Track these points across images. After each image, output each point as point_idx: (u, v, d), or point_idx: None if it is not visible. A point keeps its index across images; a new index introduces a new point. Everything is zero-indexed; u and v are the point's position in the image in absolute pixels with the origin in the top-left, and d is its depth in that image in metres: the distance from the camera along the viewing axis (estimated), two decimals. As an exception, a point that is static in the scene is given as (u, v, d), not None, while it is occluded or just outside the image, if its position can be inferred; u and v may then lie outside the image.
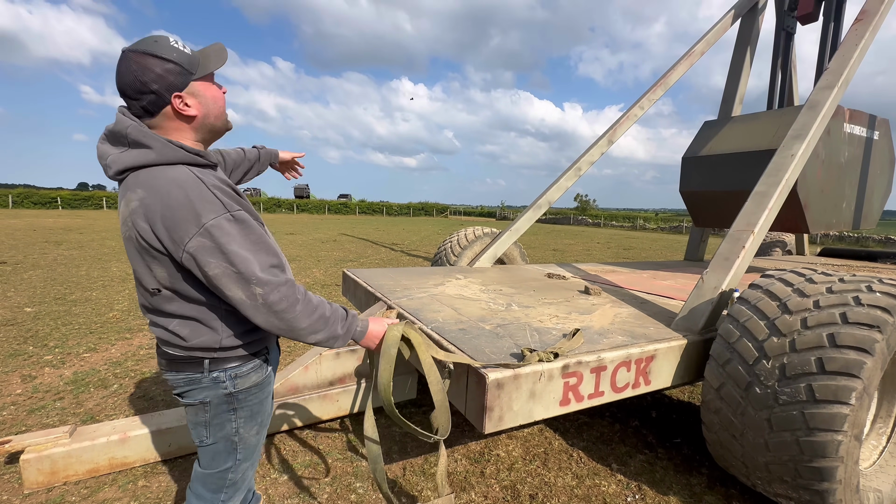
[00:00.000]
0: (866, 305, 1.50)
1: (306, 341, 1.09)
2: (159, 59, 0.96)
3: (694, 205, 4.38)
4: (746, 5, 4.68)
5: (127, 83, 0.96)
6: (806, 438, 1.45)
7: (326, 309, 1.10)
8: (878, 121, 3.97)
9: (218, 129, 1.11)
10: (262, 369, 1.19)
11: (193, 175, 0.98)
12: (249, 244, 0.99)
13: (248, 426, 1.19)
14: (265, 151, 1.67)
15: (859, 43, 2.89)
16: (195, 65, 1.01)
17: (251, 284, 0.97)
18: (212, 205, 0.95)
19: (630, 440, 2.36)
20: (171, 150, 0.98)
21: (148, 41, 0.97)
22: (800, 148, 2.44)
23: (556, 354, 1.48)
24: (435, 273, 3.28)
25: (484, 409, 1.36)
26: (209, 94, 1.05)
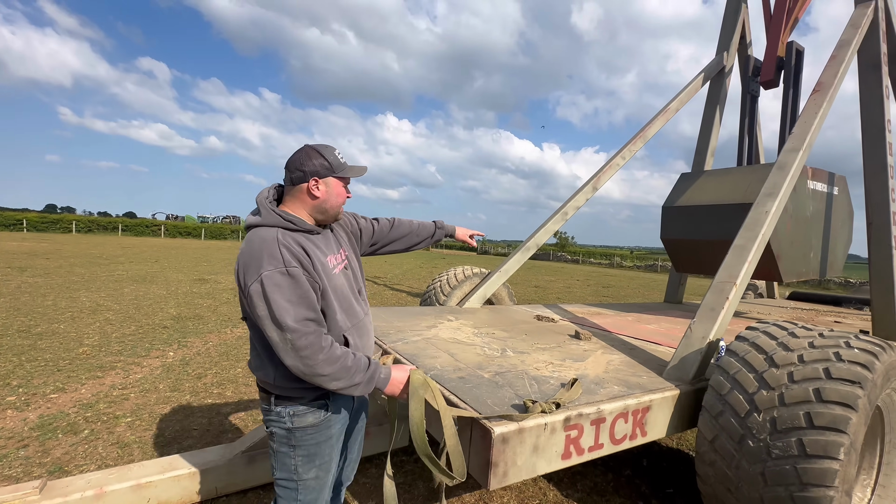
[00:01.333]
0: (847, 361, 1.59)
1: (329, 388, 1.23)
2: (320, 156, 1.32)
3: (674, 251, 4.57)
4: (715, 69, 5.11)
5: (292, 160, 1.32)
6: (800, 494, 1.48)
7: (349, 360, 1.24)
8: (837, 178, 4.30)
9: (329, 215, 1.40)
10: (318, 412, 1.33)
11: (275, 235, 1.23)
12: (294, 297, 1.18)
13: (307, 467, 1.33)
14: (441, 230, 1.99)
15: (818, 112, 3.19)
16: (340, 168, 1.35)
17: (283, 330, 1.15)
18: (273, 259, 1.19)
19: (623, 490, 2.35)
20: (272, 216, 1.28)
21: (322, 145, 1.36)
22: (773, 205, 2.63)
23: (559, 405, 1.50)
24: (426, 314, 3.28)
25: (489, 464, 1.35)
26: (336, 191, 1.37)
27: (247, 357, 4.47)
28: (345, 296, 1.38)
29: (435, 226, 1.95)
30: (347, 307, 1.38)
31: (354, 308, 1.42)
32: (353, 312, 1.41)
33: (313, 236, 1.34)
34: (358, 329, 1.42)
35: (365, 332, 1.46)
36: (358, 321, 1.42)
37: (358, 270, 1.54)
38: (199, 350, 4.63)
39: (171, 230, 39.60)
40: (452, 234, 2.06)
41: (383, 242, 1.78)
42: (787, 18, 4.47)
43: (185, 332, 5.36)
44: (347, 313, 1.38)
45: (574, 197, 4.34)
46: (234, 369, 4.09)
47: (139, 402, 3.19)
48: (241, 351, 4.69)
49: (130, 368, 3.89)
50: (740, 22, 5.18)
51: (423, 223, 1.92)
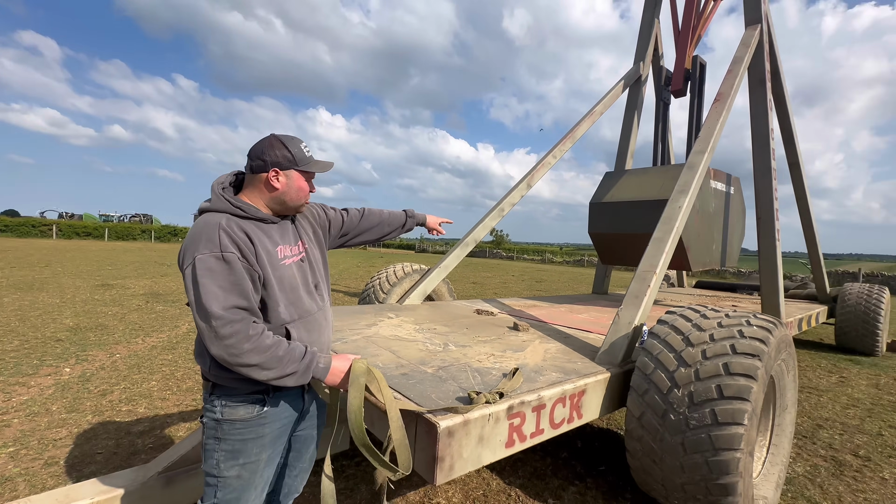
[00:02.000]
0: (748, 337, 1.79)
1: (259, 378, 1.17)
2: (283, 147, 1.30)
3: (600, 245, 4.90)
4: (633, 77, 5.55)
5: (254, 149, 1.30)
6: (713, 458, 1.65)
7: (282, 349, 1.19)
8: (733, 178, 4.88)
9: (289, 207, 1.36)
10: (251, 407, 1.26)
11: (220, 220, 1.20)
12: (227, 283, 1.14)
13: (228, 463, 1.25)
14: (412, 219, 1.97)
15: (718, 118, 3.58)
16: (303, 161, 1.33)
17: (209, 317, 1.11)
18: (210, 243, 1.15)
19: (561, 472, 2.46)
20: (220, 201, 1.26)
21: (289, 136, 1.34)
22: (685, 201, 2.90)
23: (502, 394, 1.52)
24: (365, 312, 3.18)
25: (435, 459, 1.33)
26: (297, 184, 1.34)
27: (163, 368, 4.04)
28: (292, 287, 1.33)
29: (406, 215, 1.95)
30: (294, 300, 1.33)
31: (303, 301, 1.36)
32: (301, 305, 1.35)
33: (266, 225, 1.31)
34: (306, 323, 1.36)
35: (315, 328, 1.39)
36: (308, 315, 1.36)
37: (319, 264, 1.49)
38: (104, 364, 4.09)
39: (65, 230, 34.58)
40: (424, 223, 2.04)
41: (354, 233, 1.75)
42: (692, 35, 4.98)
43: (84, 344, 4.71)
44: (294, 306, 1.32)
45: (510, 194, 4.47)
46: (148, 382, 3.67)
47: (25, 428, 2.73)
48: (155, 362, 4.22)
49: (12, 390, 3.32)
50: (654, 36, 5.68)
51: (393, 212, 1.91)
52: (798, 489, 2.41)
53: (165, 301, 7.65)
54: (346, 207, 1.80)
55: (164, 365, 4.15)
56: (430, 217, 2.06)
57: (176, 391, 3.50)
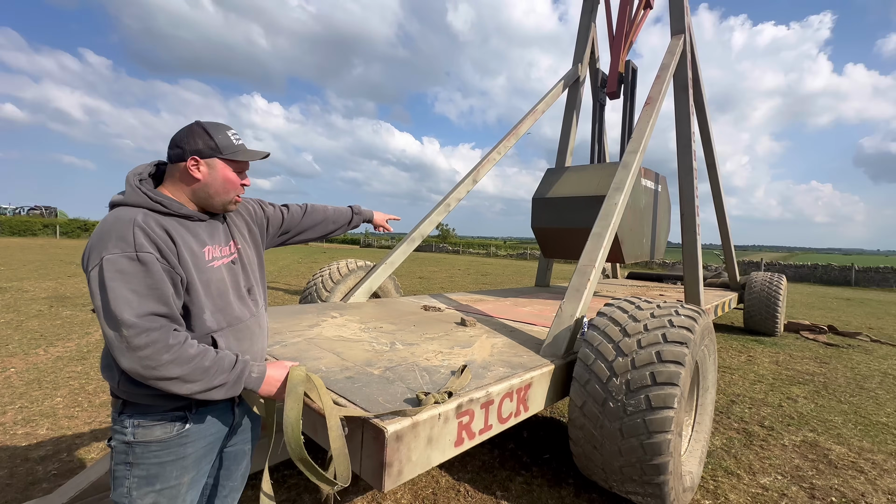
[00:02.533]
0: (677, 326, 1.92)
1: (181, 393, 1.04)
2: (205, 134, 1.17)
3: (542, 239, 5.06)
4: (572, 78, 5.78)
5: (175, 137, 1.18)
6: (648, 441, 1.75)
7: (208, 359, 1.07)
8: (660, 177, 5.26)
9: (214, 202, 1.22)
10: (170, 426, 1.13)
11: (134, 216, 1.06)
12: (142, 287, 1.01)
13: (142, 491, 1.11)
14: (359, 216, 1.88)
15: (649, 120, 3.83)
16: (229, 150, 1.20)
17: (120, 326, 0.98)
18: (122, 242, 1.02)
19: (508, 463, 2.51)
20: (136, 194, 1.11)
21: (214, 123, 1.20)
22: (620, 197, 3.07)
23: (451, 394, 1.50)
24: (307, 312, 3.03)
25: (383, 465, 1.28)
26: (223, 175, 1.21)
27: (70, 382, 3.57)
28: (221, 293, 1.21)
29: (352, 211, 1.85)
30: (223, 306, 1.21)
31: (232, 307, 1.24)
32: (231, 312, 1.23)
33: (192, 223, 1.18)
34: (236, 332, 1.24)
35: (247, 336, 1.28)
36: (238, 323, 1.24)
37: (254, 266, 1.37)
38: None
39: (-59, 225, 29.57)
40: (370, 220, 1.95)
41: (295, 231, 1.64)
42: (625, 40, 5.27)
43: (-32, 358, 4.05)
44: (222, 312, 1.20)
45: (456, 189, 4.48)
46: (51, 399, 3.23)
47: None
48: (60, 375, 3.73)
49: None
50: (590, 40, 5.94)
51: (338, 209, 1.81)
52: (717, 461, 2.66)
53: (74, 305, 6.80)
54: (287, 203, 1.67)
55: (72, 378, 3.67)
56: (377, 213, 1.98)
57: (87, 407, 3.12)
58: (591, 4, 5.90)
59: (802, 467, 2.64)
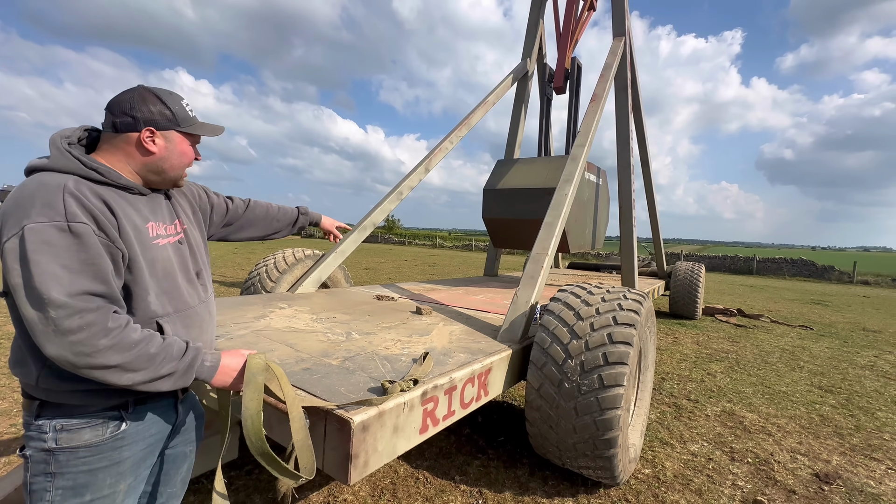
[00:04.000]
0: (626, 310, 2.05)
1: (122, 384, 0.91)
2: (160, 102, 1.05)
3: (493, 229, 5.16)
4: (521, 72, 5.89)
5: (119, 101, 1.03)
6: (600, 418, 1.85)
7: (154, 345, 0.95)
8: (601, 171, 5.56)
9: (166, 178, 1.12)
10: (102, 428, 0.99)
11: (64, 182, 0.92)
12: (75, 261, 0.88)
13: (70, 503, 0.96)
14: (305, 217, 1.78)
15: (594, 116, 4.01)
16: (187, 122, 1.09)
17: (46, 306, 0.84)
18: (49, 209, 0.88)
19: (465, 448, 2.55)
20: (66, 159, 0.97)
21: (164, 90, 1.08)
22: (570, 189, 3.19)
23: (416, 381, 1.48)
24: (251, 303, 2.84)
25: (349, 457, 1.23)
26: (180, 149, 1.10)
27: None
28: (168, 273, 1.09)
29: (298, 212, 1.74)
30: (169, 288, 1.09)
31: (181, 291, 1.12)
32: (179, 296, 1.12)
33: (132, 195, 1.05)
34: (184, 318, 1.12)
35: (196, 324, 1.17)
36: (187, 308, 1.13)
37: (201, 249, 1.27)
38: None
39: None
40: (318, 223, 1.85)
41: (238, 225, 1.54)
42: (571, 38, 5.46)
43: None
44: (169, 296, 1.08)
45: (408, 177, 4.41)
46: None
47: None
48: (-55, 382, 3.19)
49: None
50: (538, 36, 6.09)
51: (283, 208, 1.71)
52: (653, 433, 2.90)
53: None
54: (231, 196, 1.56)
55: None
56: (325, 218, 1.89)
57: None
58: (540, 1, 6.05)
59: (723, 434, 2.95)
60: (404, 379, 1.47)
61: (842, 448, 2.81)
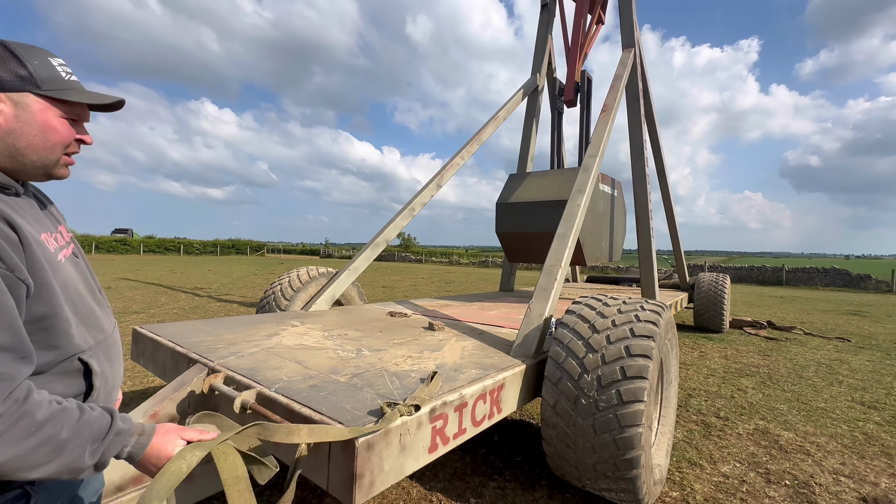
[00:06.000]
0: (643, 321, 1.96)
1: (14, 479, 0.68)
2: (10, 56, 0.77)
3: (507, 243, 5.11)
4: (531, 87, 5.93)
5: None
6: (620, 436, 1.76)
7: (65, 425, 0.71)
8: (616, 182, 5.48)
9: (28, 163, 0.81)
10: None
11: None
12: None
13: None
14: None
15: (606, 126, 3.97)
16: (52, 82, 0.81)
17: None
18: None
19: (481, 469, 2.45)
20: None
21: (24, 45, 0.80)
22: (583, 200, 3.14)
23: (418, 407, 1.39)
24: (265, 321, 2.85)
25: (353, 477, 1.19)
26: (41, 119, 0.80)
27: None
28: (81, 297, 0.88)
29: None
30: (87, 315, 0.88)
31: (97, 317, 0.91)
32: (96, 323, 0.90)
33: (7, 196, 0.79)
34: (106, 350, 0.92)
35: (115, 354, 0.97)
36: (104, 337, 0.93)
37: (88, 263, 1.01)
38: None
39: None
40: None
41: None
42: (580, 52, 5.48)
43: None
44: (87, 324, 0.87)
45: (420, 194, 4.43)
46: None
47: None
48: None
49: None
50: (548, 51, 6.14)
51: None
52: (680, 453, 2.74)
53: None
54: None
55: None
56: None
57: None
58: (548, 17, 6.11)
59: (757, 454, 2.77)
60: (406, 403, 1.39)
61: (891, 469, 2.60)
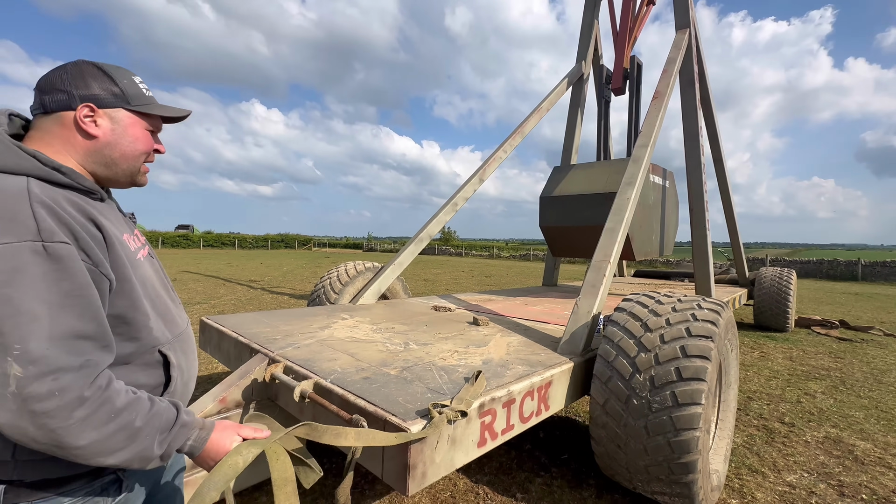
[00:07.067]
0: (701, 320, 1.87)
1: (91, 464, 0.73)
2: (104, 76, 0.85)
3: (551, 238, 5.01)
4: (576, 75, 5.74)
5: (51, 77, 0.82)
6: (675, 439, 1.69)
7: (139, 414, 0.75)
8: (668, 173, 5.21)
9: (119, 171, 0.90)
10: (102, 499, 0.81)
11: (25, 188, 0.72)
12: (55, 295, 0.68)
13: None
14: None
15: (657, 114, 3.78)
16: (139, 100, 0.89)
17: (7, 357, 0.63)
18: (17, 225, 0.67)
19: (526, 464, 2.45)
20: (15, 155, 0.74)
21: (110, 65, 0.88)
22: (632, 192, 3.02)
23: (465, 413, 1.36)
24: (317, 314, 2.99)
25: (407, 468, 1.24)
26: (132, 132, 0.89)
27: None
28: (157, 294, 0.93)
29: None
30: (163, 310, 0.93)
31: (172, 313, 0.97)
32: (171, 319, 0.96)
33: (95, 201, 0.84)
34: (182, 344, 0.97)
35: (189, 349, 1.02)
36: (180, 331, 0.98)
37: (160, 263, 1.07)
38: None
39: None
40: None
41: None
42: (629, 36, 5.23)
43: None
44: (164, 318, 0.92)
45: (462, 189, 4.44)
46: None
47: None
48: None
49: None
50: (594, 37, 5.91)
51: None
52: (740, 459, 2.60)
53: None
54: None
55: None
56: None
57: None
58: (594, 1, 5.87)
59: (828, 464, 2.57)
60: (452, 405, 1.38)
61: None
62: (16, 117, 0.85)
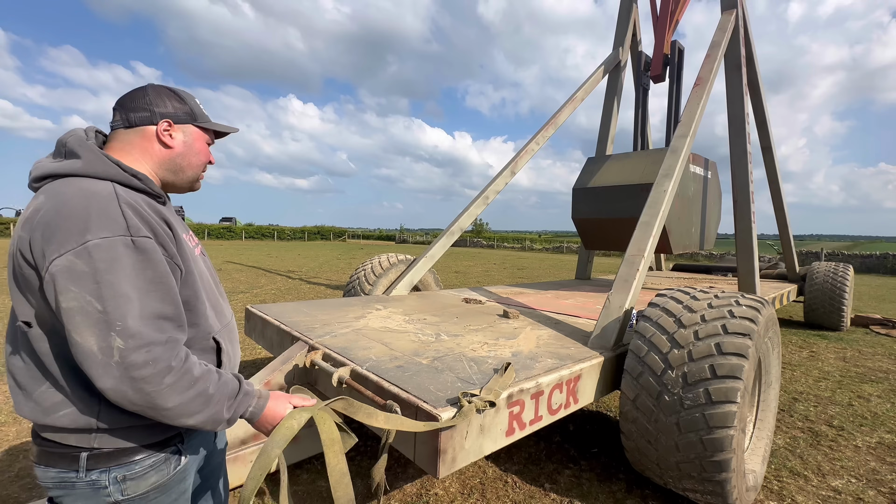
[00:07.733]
0: (738, 317, 1.82)
1: (175, 424, 0.85)
2: (176, 97, 1.00)
3: (584, 230, 4.93)
4: (612, 63, 5.56)
5: (132, 96, 0.96)
6: (708, 437, 1.67)
7: (211, 383, 0.87)
8: (710, 163, 4.98)
9: (184, 178, 1.05)
10: (166, 465, 0.93)
11: (113, 191, 0.84)
12: (142, 281, 0.80)
13: None
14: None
15: (699, 102, 3.62)
16: (202, 117, 1.05)
17: (112, 332, 0.75)
18: (111, 222, 0.79)
19: (555, 456, 2.48)
20: (103, 163, 0.86)
21: (180, 88, 1.04)
22: (669, 185, 2.93)
23: (493, 403, 1.41)
24: (352, 304, 3.12)
25: (437, 452, 1.30)
26: (198, 146, 1.05)
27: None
28: (210, 288, 1.06)
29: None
30: (214, 302, 1.06)
31: (221, 305, 1.10)
32: (221, 310, 1.08)
33: (159, 204, 0.96)
34: (229, 332, 1.09)
35: (235, 338, 1.13)
36: (227, 322, 1.10)
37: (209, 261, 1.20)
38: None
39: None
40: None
41: None
42: (670, 20, 5.00)
43: None
44: (215, 309, 1.05)
45: (494, 182, 4.44)
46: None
47: None
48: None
49: None
50: (632, 21, 5.69)
51: None
52: (781, 461, 2.51)
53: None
54: None
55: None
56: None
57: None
58: (632, -16, 5.64)
59: (880, 471, 2.43)
60: (481, 395, 1.41)
61: None
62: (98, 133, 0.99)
